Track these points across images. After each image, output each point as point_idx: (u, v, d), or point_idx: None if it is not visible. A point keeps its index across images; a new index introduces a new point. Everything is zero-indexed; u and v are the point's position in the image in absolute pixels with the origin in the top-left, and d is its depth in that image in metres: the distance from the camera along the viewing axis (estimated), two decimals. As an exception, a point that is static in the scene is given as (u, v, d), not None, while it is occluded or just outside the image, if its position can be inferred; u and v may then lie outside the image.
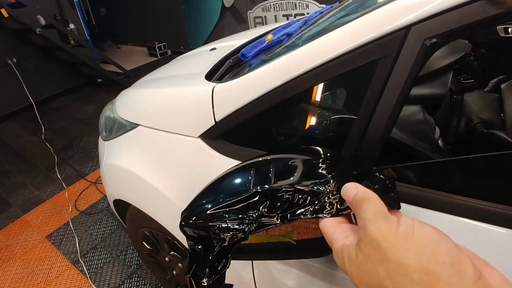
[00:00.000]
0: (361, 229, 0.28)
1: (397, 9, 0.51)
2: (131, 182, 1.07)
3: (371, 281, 0.26)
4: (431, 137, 0.84)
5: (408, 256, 0.24)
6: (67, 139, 3.21)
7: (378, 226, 0.27)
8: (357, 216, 0.31)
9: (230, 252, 0.46)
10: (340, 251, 0.30)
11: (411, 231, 0.26)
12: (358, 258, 0.28)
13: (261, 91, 0.67)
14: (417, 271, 0.24)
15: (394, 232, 0.26)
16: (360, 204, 0.30)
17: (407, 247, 0.25)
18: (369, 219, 0.28)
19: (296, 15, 3.78)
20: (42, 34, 3.65)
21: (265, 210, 0.42)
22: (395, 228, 0.26)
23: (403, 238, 0.26)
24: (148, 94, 1.09)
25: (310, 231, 0.55)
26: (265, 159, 0.50)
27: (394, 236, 0.26)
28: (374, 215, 0.28)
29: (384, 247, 0.26)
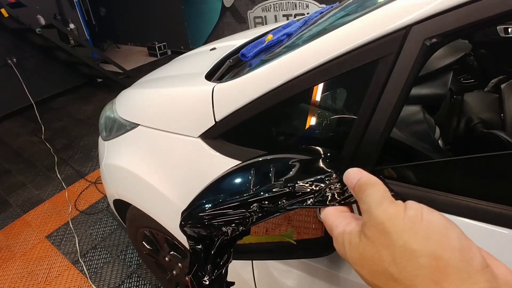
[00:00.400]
0: (365, 213, 0.28)
1: (397, 9, 0.51)
2: (131, 182, 1.07)
3: (375, 267, 0.25)
4: (431, 137, 0.84)
5: (416, 240, 0.23)
6: (67, 139, 3.21)
7: (384, 209, 0.26)
8: (360, 201, 0.30)
9: (232, 246, 0.46)
10: (340, 237, 0.30)
11: (420, 216, 0.25)
12: (361, 243, 0.27)
13: (261, 91, 0.67)
14: (425, 255, 0.23)
15: (402, 216, 0.25)
16: (363, 189, 0.30)
17: (415, 231, 0.24)
18: (374, 202, 0.27)
19: (296, 15, 3.78)
20: (42, 34, 3.65)
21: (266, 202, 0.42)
22: (403, 212, 0.25)
23: (411, 222, 0.24)
24: (148, 94, 1.09)
25: (310, 231, 0.55)
26: (265, 159, 0.50)
27: (401, 220, 0.25)
28: (379, 199, 0.27)
29: (391, 230, 0.25)
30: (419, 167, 0.63)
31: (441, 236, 0.23)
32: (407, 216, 0.25)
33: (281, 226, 0.57)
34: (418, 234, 0.24)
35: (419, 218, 0.25)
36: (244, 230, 0.43)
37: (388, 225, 0.25)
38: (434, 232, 0.24)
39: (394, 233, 0.24)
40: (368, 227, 0.26)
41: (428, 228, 0.24)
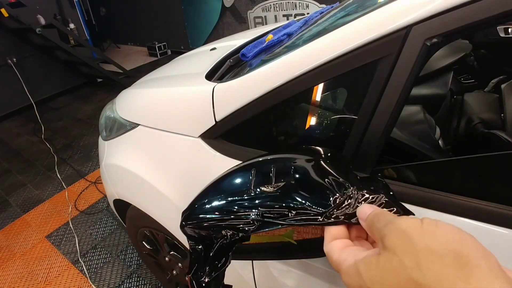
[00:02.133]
0: (385, 227, 0.28)
1: (398, 9, 0.51)
2: (131, 182, 1.06)
3: (397, 279, 0.25)
4: (432, 137, 0.84)
5: (436, 242, 0.24)
6: (67, 139, 3.21)
7: (404, 220, 0.27)
8: (375, 226, 0.30)
9: (231, 250, 0.46)
10: (352, 268, 0.29)
11: (435, 223, 0.26)
12: (380, 259, 0.27)
13: (262, 91, 0.67)
14: (448, 254, 0.23)
15: (420, 224, 0.26)
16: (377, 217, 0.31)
17: (434, 235, 0.25)
18: (392, 217, 0.29)
19: (296, 15, 3.78)
20: (42, 33, 3.65)
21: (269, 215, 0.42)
22: (420, 221, 0.27)
23: (429, 227, 0.26)
24: (148, 93, 1.09)
25: (310, 231, 0.55)
26: (265, 159, 0.50)
27: (420, 227, 0.26)
28: (396, 216, 0.29)
29: (412, 236, 0.25)
30: (419, 167, 0.63)
31: (459, 237, 0.25)
32: (425, 224, 0.26)
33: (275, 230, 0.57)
34: (438, 237, 0.25)
35: (435, 225, 0.26)
36: (243, 236, 0.43)
37: (409, 231, 0.26)
38: (452, 234, 0.25)
39: (415, 237, 0.25)
40: (388, 238, 0.27)
41: (446, 232, 0.25)
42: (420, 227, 0.26)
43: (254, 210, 0.42)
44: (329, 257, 0.34)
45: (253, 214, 0.42)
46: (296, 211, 0.40)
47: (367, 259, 0.28)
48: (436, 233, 0.25)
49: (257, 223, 0.42)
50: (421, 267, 0.24)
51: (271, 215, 0.41)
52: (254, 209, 0.42)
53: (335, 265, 0.32)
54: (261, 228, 0.42)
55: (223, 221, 0.44)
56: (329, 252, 0.34)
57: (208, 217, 0.45)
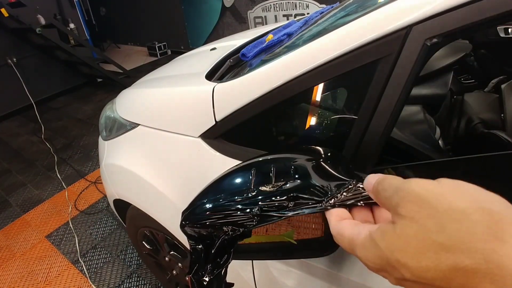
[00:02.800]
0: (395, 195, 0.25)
1: (398, 9, 0.51)
2: (131, 182, 1.07)
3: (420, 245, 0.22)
4: (432, 137, 0.84)
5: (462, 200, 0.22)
6: (67, 139, 3.21)
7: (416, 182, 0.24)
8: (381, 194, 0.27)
9: (232, 247, 0.46)
10: (368, 240, 0.26)
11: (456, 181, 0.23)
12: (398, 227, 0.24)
13: (262, 91, 0.67)
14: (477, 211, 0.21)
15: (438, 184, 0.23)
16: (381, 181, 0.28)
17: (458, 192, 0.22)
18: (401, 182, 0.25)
19: (296, 15, 3.78)
20: (42, 33, 3.65)
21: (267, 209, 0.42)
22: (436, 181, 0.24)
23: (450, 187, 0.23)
24: (148, 93, 1.09)
25: (310, 231, 0.55)
26: (265, 159, 0.50)
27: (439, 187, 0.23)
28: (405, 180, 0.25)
29: (430, 199, 0.22)
30: (419, 167, 0.63)
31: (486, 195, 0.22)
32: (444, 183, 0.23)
33: (281, 226, 0.57)
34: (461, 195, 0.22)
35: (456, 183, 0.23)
36: (245, 231, 0.43)
37: (426, 195, 0.23)
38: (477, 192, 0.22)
39: (435, 199, 0.22)
40: (402, 206, 0.24)
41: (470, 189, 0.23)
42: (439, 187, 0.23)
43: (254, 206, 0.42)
44: (340, 234, 0.31)
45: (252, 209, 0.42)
46: (295, 202, 0.40)
47: (382, 229, 0.25)
48: (458, 191, 0.23)
49: (257, 217, 0.42)
50: (446, 229, 0.21)
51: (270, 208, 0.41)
52: (254, 206, 0.42)
53: (348, 241, 0.29)
54: (261, 222, 0.42)
55: (223, 219, 0.44)
56: (340, 229, 0.31)
57: (208, 217, 0.45)
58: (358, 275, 0.60)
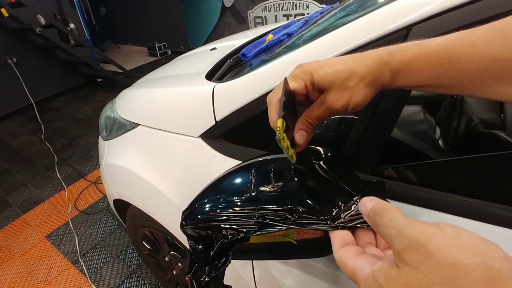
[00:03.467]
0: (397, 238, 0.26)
1: (398, 9, 0.51)
2: (131, 182, 1.07)
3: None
4: (432, 137, 0.84)
5: (464, 255, 0.23)
6: (67, 139, 3.21)
7: (420, 230, 0.25)
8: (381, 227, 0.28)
9: (231, 250, 0.46)
10: (371, 278, 0.27)
11: (458, 231, 0.24)
12: (402, 272, 0.25)
13: (262, 91, 0.67)
14: (478, 268, 0.22)
15: (441, 234, 0.24)
16: (380, 213, 0.29)
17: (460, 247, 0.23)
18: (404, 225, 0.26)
19: (296, 15, 3.78)
20: (42, 33, 3.65)
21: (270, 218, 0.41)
22: (440, 231, 0.24)
23: (452, 238, 0.24)
24: (149, 93, 1.09)
25: (308, 232, 0.55)
26: (265, 159, 0.50)
27: (443, 238, 0.24)
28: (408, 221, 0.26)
29: (434, 251, 0.23)
30: (419, 167, 0.63)
31: (486, 248, 0.23)
32: (447, 234, 0.24)
33: None
34: (464, 249, 0.23)
35: (459, 234, 0.24)
36: (243, 236, 0.43)
37: (430, 246, 0.24)
38: (479, 245, 0.23)
39: (440, 252, 0.23)
40: (407, 252, 0.25)
41: (472, 242, 0.23)
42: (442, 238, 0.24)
43: (255, 211, 0.42)
44: (343, 263, 0.32)
45: (254, 216, 0.42)
46: (299, 215, 0.40)
47: (386, 271, 0.26)
48: (461, 245, 0.23)
49: (259, 225, 0.41)
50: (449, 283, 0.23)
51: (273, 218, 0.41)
52: (255, 210, 0.42)
53: (350, 272, 0.30)
54: (262, 229, 0.42)
55: (223, 221, 0.44)
56: (342, 258, 0.32)
57: (208, 217, 0.45)
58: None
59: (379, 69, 0.37)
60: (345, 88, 0.37)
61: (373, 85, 0.37)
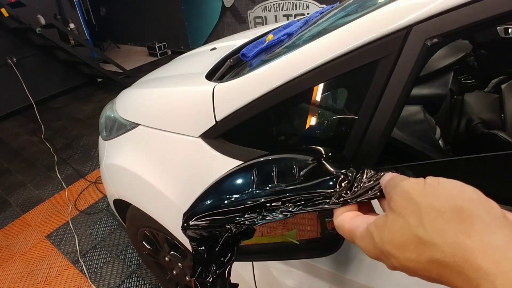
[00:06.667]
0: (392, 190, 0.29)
1: (398, 9, 0.51)
2: (131, 182, 1.07)
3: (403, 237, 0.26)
4: (432, 137, 0.84)
5: (438, 200, 0.25)
6: (67, 139, 3.21)
7: (407, 182, 0.29)
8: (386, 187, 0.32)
9: (236, 245, 0.45)
10: (365, 231, 0.30)
11: (437, 181, 0.27)
12: (388, 219, 0.28)
13: (262, 91, 0.67)
14: (449, 210, 0.24)
15: (423, 184, 0.27)
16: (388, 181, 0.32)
17: (437, 193, 0.26)
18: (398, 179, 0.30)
19: (296, 15, 3.78)
20: (42, 33, 3.65)
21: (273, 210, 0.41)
22: (423, 181, 0.28)
23: (432, 187, 0.27)
24: (149, 93, 1.09)
25: (306, 233, 0.55)
26: (266, 159, 0.50)
27: (423, 187, 0.27)
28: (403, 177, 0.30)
29: (415, 197, 0.27)
30: (420, 167, 0.63)
31: (459, 191, 0.25)
32: (427, 184, 0.27)
33: (277, 229, 0.56)
34: (440, 195, 0.26)
35: (437, 183, 0.27)
36: (248, 229, 0.43)
37: (412, 193, 0.27)
38: (453, 190, 0.26)
39: (418, 198, 0.26)
40: (394, 200, 0.28)
41: (447, 188, 0.26)
42: (422, 187, 0.27)
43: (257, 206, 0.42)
44: (341, 226, 0.34)
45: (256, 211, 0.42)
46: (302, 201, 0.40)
47: (377, 222, 0.29)
48: (437, 191, 0.26)
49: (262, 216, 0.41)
50: (424, 226, 0.25)
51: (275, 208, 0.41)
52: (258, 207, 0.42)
53: (348, 233, 0.33)
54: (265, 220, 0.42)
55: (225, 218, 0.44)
56: (341, 221, 0.35)
57: (210, 218, 0.45)
58: (359, 275, 0.60)
59: None
60: None
61: None
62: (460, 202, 0.25)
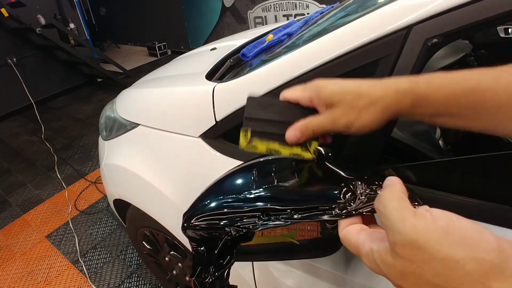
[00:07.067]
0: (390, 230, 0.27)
1: (398, 9, 0.51)
2: (131, 182, 1.07)
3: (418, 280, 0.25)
4: (432, 137, 0.84)
5: (456, 250, 0.24)
6: (67, 139, 3.21)
7: (412, 225, 0.25)
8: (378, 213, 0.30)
9: (235, 248, 0.45)
10: (370, 256, 0.29)
11: (452, 224, 0.25)
12: (397, 262, 0.26)
13: (262, 91, 0.67)
14: (470, 262, 0.23)
15: (433, 228, 0.25)
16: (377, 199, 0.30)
17: (453, 241, 0.24)
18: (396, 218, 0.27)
19: (296, 15, 3.78)
20: (42, 33, 3.65)
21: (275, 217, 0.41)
22: (433, 224, 0.25)
23: (445, 232, 0.24)
24: (149, 93, 1.09)
25: (305, 233, 0.55)
26: (266, 159, 0.50)
27: (434, 232, 0.25)
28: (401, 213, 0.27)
29: (427, 246, 0.24)
30: (420, 167, 0.63)
31: (479, 240, 0.24)
32: (440, 227, 0.25)
33: (277, 230, 0.56)
34: (457, 243, 0.24)
35: (452, 227, 0.25)
36: (247, 232, 0.43)
37: (422, 241, 0.24)
38: (471, 238, 0.24)
39: (432, 247, 0.24)
40: (400, 247, 0.26)
41: (465, 235, 0.24)
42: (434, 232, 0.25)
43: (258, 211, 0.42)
44: (347, 240, 0.34)
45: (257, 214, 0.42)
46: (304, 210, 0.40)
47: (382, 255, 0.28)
48: (454, 239, 0.24)
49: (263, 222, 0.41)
50: (441, 275, 0.24)
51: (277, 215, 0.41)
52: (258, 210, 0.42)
53: (354, 248, 0.32)
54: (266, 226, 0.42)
55: (225, 220, 0.44)
56: (347, 235, 0.34)
57: (210, 219, 0.45)
58: (359, 275, 0.60)
59: (397, 97, 0.36)
60: (352, 108, 0.37)
61: (385, 112, 0.37)
62: (482, 253, 0.23)
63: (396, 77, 0.39)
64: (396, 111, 0.37)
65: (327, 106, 0.39)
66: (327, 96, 0.38)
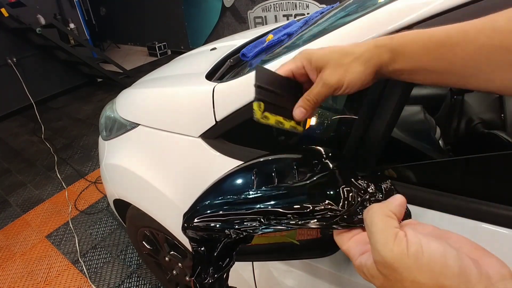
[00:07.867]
0: (374, 250, 0.30)
1: (398, 9, 0.51)
2: (131, 182, 1.07)
3: None
4: (432, 137, 0.84)
5: (421, 275, 0.27)
6: (67, 139, 3.21)
7: (390, 249, 0.29)
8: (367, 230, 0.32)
9: (235, 250, 0.45)
10: (360, 268, 0.34)
11: (421, 250, 0.28)
12: (380, 276, 0.30)
13: (262, 91, 0.67)
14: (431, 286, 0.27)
15: (406, 254, 0.28)
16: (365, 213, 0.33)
17: (420, 267, 0.27)
18: (380, 242, 0.30)
19: (296, 15, 3.78)
20: (42, 33, 3.65)
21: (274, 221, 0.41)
22: (406, 250, 0.28)
23: (415, 258, 0.28)
24: (149, 93, 1.09)
25: (313, 232, 0.55)
26: (266, 160, 0.50)
27: (407, 258, 0.28)
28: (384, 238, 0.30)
29: (400, 269, 0.28)
30: (420, 167, 0.63)
31: (441, 266, 0.27)
32: (411, 253, 0.28)
33: None
34: (423, 269, 0.27)
35: (421, 253, 0.28)
36: (247, 235, 0.43)
37: (397, 265, 0.28)
38: (435, 264, 0.27)
39: (404, 270, 0.28)
40: (380, 266, 0.30)
41: (430, 262, 0.27)
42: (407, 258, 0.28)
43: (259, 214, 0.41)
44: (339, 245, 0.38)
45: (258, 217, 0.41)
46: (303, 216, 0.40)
47: (368, 268, 0.32)
48: (421, 265, 0.27)
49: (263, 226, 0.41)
50: None
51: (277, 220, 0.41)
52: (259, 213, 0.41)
53: (346, 254, 0.37)
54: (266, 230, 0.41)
55: (226, 222, 0.44)
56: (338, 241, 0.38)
57: (210, 219, 0.45)
58: (359, 275, 0.60)
59: (377, 50, 0.40)
60: (340, 65, 0.40)
61: (368, 65, 0.40)
62: (442, 279, 0.26)
63: None
64: (378, 65, 0.40)
65: (318, 70, 0.42)
66: (318, 59, 0.42)
